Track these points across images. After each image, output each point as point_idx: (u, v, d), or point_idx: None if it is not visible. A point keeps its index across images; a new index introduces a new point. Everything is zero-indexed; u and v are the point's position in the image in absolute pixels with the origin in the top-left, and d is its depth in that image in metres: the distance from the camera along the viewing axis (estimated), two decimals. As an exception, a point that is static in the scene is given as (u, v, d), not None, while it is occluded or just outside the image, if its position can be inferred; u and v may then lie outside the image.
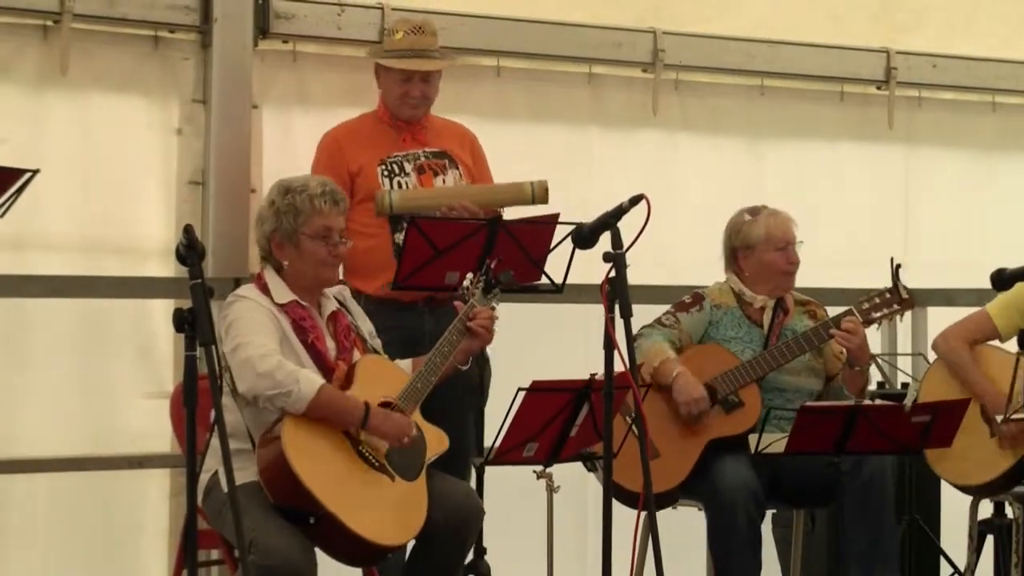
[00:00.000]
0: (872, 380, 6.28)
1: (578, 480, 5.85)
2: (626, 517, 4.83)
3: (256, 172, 6.19)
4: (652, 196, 4.60)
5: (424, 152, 5.90)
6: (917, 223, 7.64)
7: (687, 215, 6.93)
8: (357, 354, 5.03)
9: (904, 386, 7.00)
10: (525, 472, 5.08)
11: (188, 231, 4.29)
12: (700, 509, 5.55)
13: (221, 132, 6.13)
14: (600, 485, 4.73)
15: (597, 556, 4.68)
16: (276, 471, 4.66)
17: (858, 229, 7.44)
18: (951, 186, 7.71)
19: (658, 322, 5.74)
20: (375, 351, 5.11)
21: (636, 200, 4.64)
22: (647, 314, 5.68)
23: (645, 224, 4.57)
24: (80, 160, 6.00)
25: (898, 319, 5.81)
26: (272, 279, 4.98)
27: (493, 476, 5.31)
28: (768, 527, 6.02)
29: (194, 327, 4.19)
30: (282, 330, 4.88)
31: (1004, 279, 5.36)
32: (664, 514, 5.03)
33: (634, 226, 4.62)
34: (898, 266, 5.65)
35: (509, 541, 5.63)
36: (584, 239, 4.79)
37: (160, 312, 6.02)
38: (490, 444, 4.94)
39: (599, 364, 4.64)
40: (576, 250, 4.93)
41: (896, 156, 7.61)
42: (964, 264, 7.38)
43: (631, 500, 5.16)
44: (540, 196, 5.74)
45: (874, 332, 5.77)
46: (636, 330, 5.15)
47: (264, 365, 4.70)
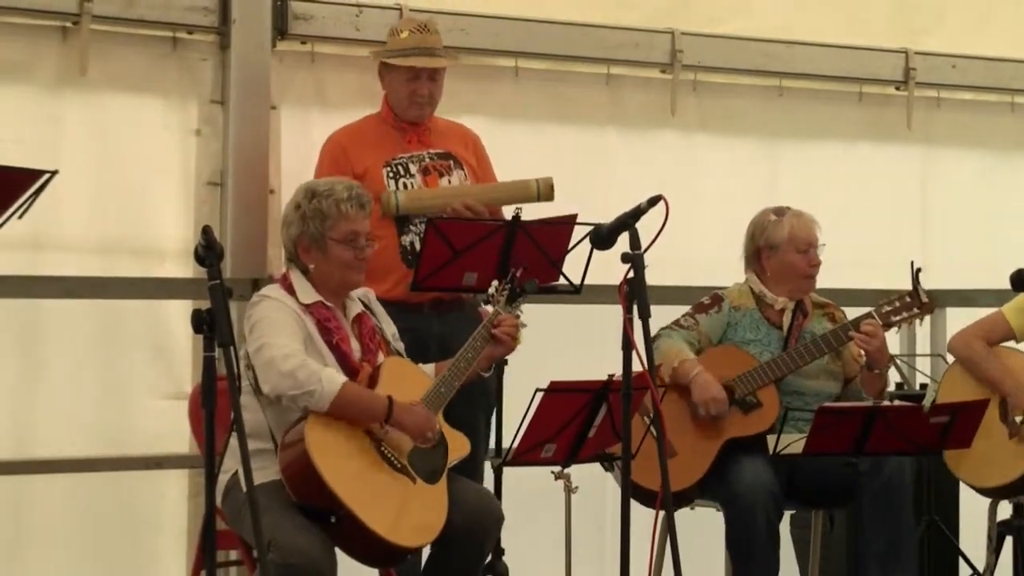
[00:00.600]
0: (891, 381, 6.26)
1: (596, 481, 5.83)
2: (644, 518, 4.83)
3: (274, 173, 6.19)
4: (670, 197, 4.60)
5: (429, 153, 5.86)
6: (935, 224, 7.63)
7: (705, 216, 6.92)
8: (381, 356, 5.03)
9: (923, 387, 6.99)
10: (543, 473, 5.09)
11: (207, 232, 4.29)
12: (718, 510, 5.55)
13: (239, 133, 6.14)
14: (618, 485, 4.73)
15: (615, 557, 4.69)
16: (299, 468, 4.66)
17: (876, 230, 7.41)
18: (969, 187, 7.69)
19: (677, 324, 5.73)
20: (399, 353, 5.11)
21: (654, 201, 4.64)
22: (665, 315, 5.67)
23: (663, 225, 4.57)
24: (98, 161, 6.00)
25: (917, 322, 5.80)
26: (298, 279, 4.98)
27: (511, 477, 5.31)
28: (786, 527, 6.01)
29: (213, 328, 4.19)
30: (307, 330, 4.88)
31: (1024, 280, 5.36)
32: (682, 515, 5.02)
33: (652, 227, 4.62)
34: (918, 270, 5.62)
35: (527, 541, 5.64)
36: (602, 240, 4.79)
37: (177, 313, 6.02)
38: (508, 445, 4.94)
39: (617, 365, 4.64)
40: (594, 251, 4.92)
41: (914, 157, 7.59)
42: (983, 265, 7.35)
43: (648, 499, 5.17)
44: (545, 193, 5.72)
45: (893, 333, 5.74)
46: (654, 331, 5.14)
47: (287, 365, 4.71)
